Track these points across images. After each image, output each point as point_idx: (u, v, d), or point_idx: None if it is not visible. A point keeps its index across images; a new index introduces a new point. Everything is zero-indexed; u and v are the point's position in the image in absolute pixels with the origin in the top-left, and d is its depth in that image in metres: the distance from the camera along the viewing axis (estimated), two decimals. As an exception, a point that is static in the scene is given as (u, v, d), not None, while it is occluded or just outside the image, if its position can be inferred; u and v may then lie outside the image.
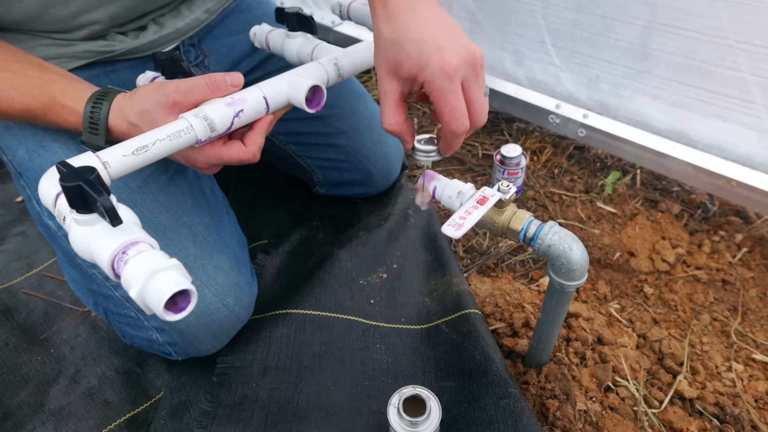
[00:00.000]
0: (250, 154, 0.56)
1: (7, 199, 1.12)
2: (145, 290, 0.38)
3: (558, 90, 1.07)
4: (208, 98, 0.54)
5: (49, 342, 0.81)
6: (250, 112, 0.55)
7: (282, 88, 0.57)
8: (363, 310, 0.77)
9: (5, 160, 0.68)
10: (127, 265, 0.39)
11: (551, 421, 0.64)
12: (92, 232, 0.41)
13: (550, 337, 0.65)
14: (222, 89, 0.54)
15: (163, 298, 0.37)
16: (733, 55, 0.79)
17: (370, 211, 0.97)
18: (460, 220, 0.50)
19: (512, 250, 0.91)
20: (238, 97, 0.54)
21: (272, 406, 0.65)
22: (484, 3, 1.09)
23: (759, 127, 0.82)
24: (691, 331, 0.77)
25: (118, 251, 0.40)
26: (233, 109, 0.53)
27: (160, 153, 0.50)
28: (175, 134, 0.50)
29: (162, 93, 0.52)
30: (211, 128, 0.52)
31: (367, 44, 0.65)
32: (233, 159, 0.56)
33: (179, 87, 0.52)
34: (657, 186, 1.05)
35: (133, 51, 0.69)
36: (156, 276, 0.38)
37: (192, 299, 0.39)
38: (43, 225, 0.67)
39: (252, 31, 0.77)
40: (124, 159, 0.48)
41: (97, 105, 0.54)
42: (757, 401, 0.67)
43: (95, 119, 0.53)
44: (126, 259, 0.39)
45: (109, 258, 0.40)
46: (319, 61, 0.62)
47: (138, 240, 0.41)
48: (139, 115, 0.53)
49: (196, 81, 0.53)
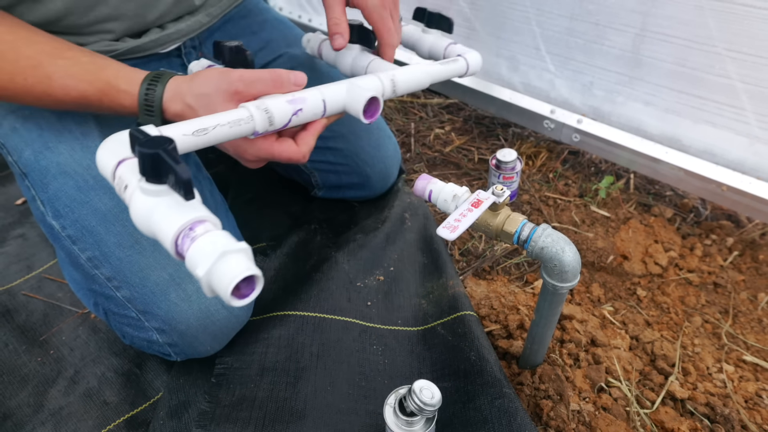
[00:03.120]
0: (300, 154, 0.56)
1: (7, 202, 1.13)
2: (214, 271, 0.36)
3: (553, 96, 1.09)
4: (269, 92, 0.54)
5: (48, 343, 0.82)
6: (308, 112, 0.54)
7: (341, 94, 0.57)
8: (360, 312, 0.78)
9: (11, 160, 0.69)
10: (195, 242, 0.37)
11: (545, 421, 0.65)
12: (158, 203, 0.40)
13: (544, 339, 0.66)
14: (285, 86, 0.54)
15: (233, 281, 0.35)
16: (723, 63, 0.80)
17: (367, 215, 0.98)
18: (455, 222, 0.51)
19: (507, 253, 0.92)
20: (299, 96, 0.54)
21: (270, 407, 0.66)
22: (480, 10, 1.10)
23: (748, 133, 0.84)
24: (683, 333, 0.78)
25: (185, 226, 0.38)
26: (293, 107, 0.53)
27: (218, 138, 0.49)
28: (236, 122, 0.50)
29: (226, 80, 0.52)
30: (270, 122, 0.52)
31: (422, 68, 0.66)
32: (283, 156, 0.56)
33: (244, 76, 0.53)
34: (650, 190, 1.06)
35: (135, 50, 0.71)
36: (226, 257, 0.36)
37: (257, 286, 0.37)
38: (47, 225, 0.68)
39: (305, 38, 0.77)
40: (183, 138, 0.47)
41: (152, 86, 0.54)
42: (747, 401, 0.69)
43: (150, 100, 0.54)
44: (193, 236, 0.38)
45: (175, 232, 0.38)
46: (378, 75, 0.61)
47: (205, 218, 0.39)
48: (197, 97, 0.53)
49: (260, 73, 0.53)
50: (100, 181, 0.65)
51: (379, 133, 0.96)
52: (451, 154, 1.19)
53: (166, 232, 0.38)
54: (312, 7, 1.55)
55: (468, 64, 0.70)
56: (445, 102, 1.40)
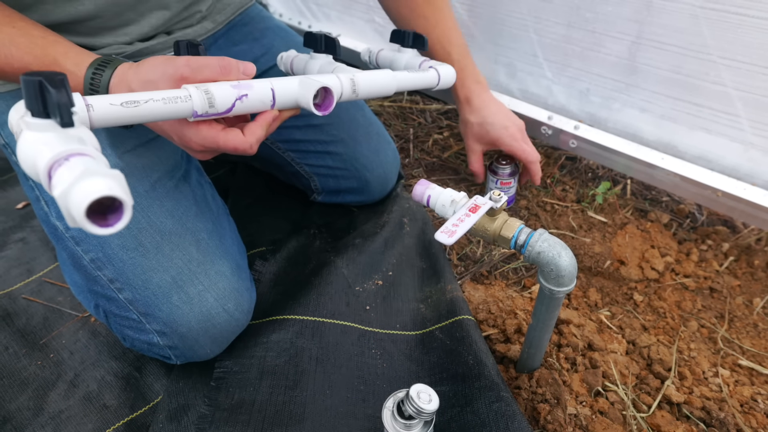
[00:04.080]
0: (247, 144, 0.54)
1: (7, 206, 1.13)
2: (71, 190, 0.33)
3: (550, 102, 1.10)
4: (217, 79, 0.52)
5: (48, 347, 0.82)
6: (254, 100, 0.53)
7: (292, 86, 0.56)
8: (359, 316, 0.79)
9: (15, 160, 0.69)
10: (62, 166, 0.35)
11: (542, 424, 0.66)
12: (42, 138, 0.37)
13: (541, 343, 0.67)
14: (233, 74, 0.53)
15: (87, 199, 0.32)
16: (717, 70, 0.81)
17: (366, 220, 0.99)
18: (452, 227, 0.52)
19: (505, 258, 0.93)
20: (245, 83, 0.53)
21: (269, 410, 0.66)
22: (478, 17, 1.12)
23: (743, 140, 0.85)
24: (679, 338, 0.79)
25: (60, 156, 0.35)
26: (237, 91, 0.51)
27: (150, 114, 0.46)
28: (171, 99, 0.47)
29: (171, 65, 0.51)
30: (210, 103, 0.49)
31: (387, 72, 0.65)
32: (229, 146, 0.53)
33: (190, 62, 0.51)
34: (647, 196, 1.07)
35: (142, 52, 0.71)
36: (87, 177, 0.33)
37: (125, 215, 0.34)
38: (50, 226, 0.68)
39: (279, 56, 0.77)
40: (111, 108, 0.44)
41: (99, 71, 0.52)
42: (743, 406, 0.69)
43: (96, 85, 0.52)
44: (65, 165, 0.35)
45: (50, 161, 0.35)
46: (337, 74, 0.61)
47: (87, 153, 0.36)
48: (143, 84, 0.51)
49: (208, 60, 0.52)
50: None
51: (378, 139, 0.97)
52: (450, 159, 1.20)
53: (42, 162, 0.35)
54: (311, 14, 1.56)
55: (440, 76, 0.71)
56: (444, 108, 1.41)
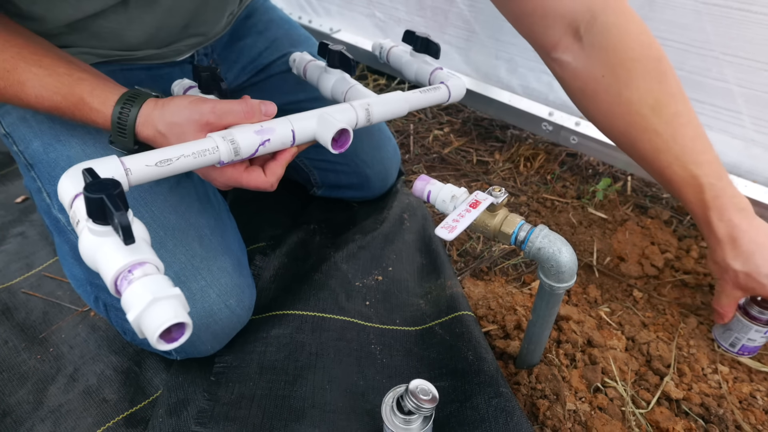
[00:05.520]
0: (269, 183, 0.56)
1: (6, 200, 1.13)
2: (143, 316, 0.38)
3: (551, 98, 1.10)
4: (240, 123, 0.54)
5: (48, 341, 0.82)
6: (276, 142, 0.55)
7: (311, 124, 0.58)
8: (359, 312, 0.79)
9: (16, 150, 0.68)
10: (131, 285, 0.39)
11: (541, 420, 0.66)
12: (103, 243, 0.41)
13: (541, 339, 0.67)
14: (256, 116, 0.55)
15: (160, 328, 0.37)
16: (720, 67, 0.81)
17: (366, 215, 0.99)
18: (453, 222, 0.52)
19: (505, 254, 0.93)
20: (268, 127, 0.54)
21: (269, 405, 0.66)
22: (479, 13, 1.11)
23: (744, 137, 0.85)
24: (679, 334, 0.79)
25: (124, 269, 0.40)
26: (260, 137, 0.53)
27: (182, 168, 0.50)
28: (200, 152, 0.50)
29: (197, 111, 0.53)
30: (236, 152, 0.52)
31: (400, 95, 0.66)
32: (251, 185, 0.56)
33: (215, 109, 0.53)
34: (647, 193, 1.07)
35: (153, 57, 0.71)
36: (156, 304, 0.38)
37: (186, 332, 0.39)
38: (52, 218, 0.68)
39: (292, 58, 0.78)
40: (146, 169, 0.48)
41: (125, 109, 0.54)
42: (741, 402, 0.69)
43: (122, 124, 0.54)
44: (130, 279, 0.39)
45: (114, 274, 0.40)
46: (352, 103, 0.62)
47: (145, 261, 0.41)
48: (169, 126, 0.53)
49: (232, 105, 0.54)
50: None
51: (379, 135, 0.96)
52: (450, 155, 1.20)
53: (107, 273, 0.40)
54: (312, 8, 1.55)
55: (450, 91, 0.70)
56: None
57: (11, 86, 0.53)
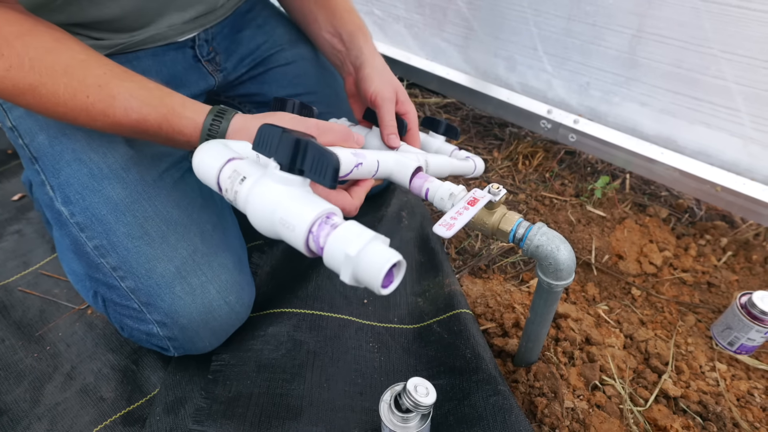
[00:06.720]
0: (354, 206, 0.58)
1: (3, 198, 1.13)
2: (364, 254, 0.37)
3: (550, 96, 1.10)
4: (337, 144, 0.57)
5: (45, 339, 0.82)
6: (364, 169, 0.57)
7: (390, 162, 0.61)
8: (356, 310, 0.79)
9: (21, 143, 0.68)
10: (342, 226, 0.39)
11: (539, 418, 0.66)
12: (290, 192, 0.41)
13: (539, 337, 0.67)
14: (348, 141, 0.58)
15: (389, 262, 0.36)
16: (718, 64, 0.81)
17: (363, 213, 0.98)
18: (451, 220, 0.52)
19: (503, 252, 0.93)
20: (361, 152, 0.57)
21: (266, 403, 0.66)
22: (478, 10, 1.11)
23: (742, 134, 0.85)
24: (677, 332, 0.79)
25: (323, 213, 0.40)
26: (356, 159, 0.56)
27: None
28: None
29: (303, 123, 0.56)
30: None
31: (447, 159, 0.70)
32: (338, 205, 0.57)
33: (320, 125, 0.56)
34: (646, 191, 1.07)
35: (156, 38, 0.71)
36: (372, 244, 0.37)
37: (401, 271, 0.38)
38: (54, 211, 0.67)
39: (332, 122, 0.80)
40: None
41: (217, 119, 0.56)
42: (739, 400, 0.69)
43: (213, 132, 0.56)
44: (333, 223, 0.39)
45: (314, 218, 0.39)
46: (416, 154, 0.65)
47: (337, 212, 0.41)
48: None
49: (333, 125, 0.57)
50: (114, 170, 0.65)
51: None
52: (449, 153, 1.19)
53: (304, 218, 0.39)
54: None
55: (476, 166, 0.76)
56: (443, 101, 1.40)
57: (101, 101, 0.54)
